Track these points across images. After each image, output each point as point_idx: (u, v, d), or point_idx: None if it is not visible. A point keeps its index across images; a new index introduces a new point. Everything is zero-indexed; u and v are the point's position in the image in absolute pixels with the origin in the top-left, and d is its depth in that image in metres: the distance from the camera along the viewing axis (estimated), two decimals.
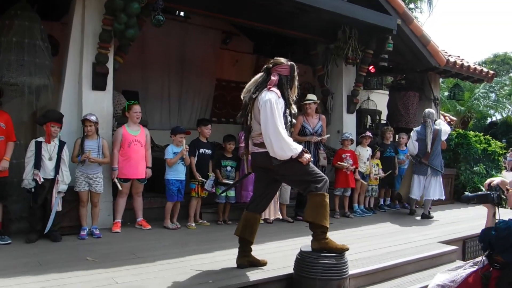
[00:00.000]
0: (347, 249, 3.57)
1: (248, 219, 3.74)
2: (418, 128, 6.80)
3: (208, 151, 5.51)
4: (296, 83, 3.66)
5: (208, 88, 8.83)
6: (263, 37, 8.63)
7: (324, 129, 6.26)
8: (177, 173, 5.23)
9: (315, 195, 3.50)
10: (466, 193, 2.74)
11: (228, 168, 5.62)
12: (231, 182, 5.44)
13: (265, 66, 3.68)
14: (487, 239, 2.59)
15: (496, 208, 2.71)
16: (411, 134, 6.80)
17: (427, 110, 6.85)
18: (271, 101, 3.41)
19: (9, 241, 4.19)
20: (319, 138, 6.03)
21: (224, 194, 5.45)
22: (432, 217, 6.67)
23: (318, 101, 6.39)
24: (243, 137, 5.39)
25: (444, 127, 6.81)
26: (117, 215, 5.01)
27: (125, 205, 5.06)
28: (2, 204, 4.31)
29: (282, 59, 3.65)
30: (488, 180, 2.82)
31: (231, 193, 5.57)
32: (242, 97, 3.69)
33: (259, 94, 3.51)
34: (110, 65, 5.13)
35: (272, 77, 3.55)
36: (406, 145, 7.27)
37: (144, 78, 7.94)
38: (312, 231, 3.57)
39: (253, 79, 3.66)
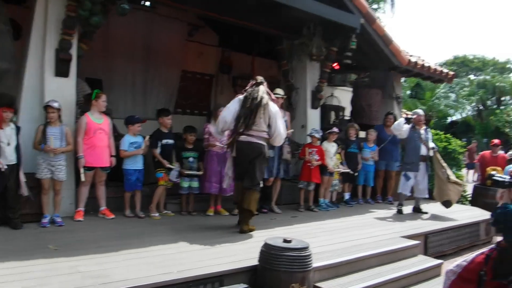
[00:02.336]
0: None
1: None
2: None
3: (171, 141, 5.51)
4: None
5: (173, 79, 8.74)
6: (228, 30, 8.62)
7: (289, 124, 6.36)
8: (134, 162, 5.22)
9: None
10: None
11: (190, 159, 5.63)
12: (194, 173, 5.51)
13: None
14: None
15: None
16: None
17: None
18: None
19: None
20: None
21: (187, 185, 5.51)
22: (422, 212, 6.80)
23: (285, 96, 6.49)
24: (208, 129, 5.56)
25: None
26: (80, 203, 4.95)
27: (88, 193, 5.00)
28: None
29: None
30: None
31: (194, 183, 5.60)
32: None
33: None
34: (73, 51, 5.03)
35: None
36: (374, 142, 7.55)
37: (108, 67, 7.75)
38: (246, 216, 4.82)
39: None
